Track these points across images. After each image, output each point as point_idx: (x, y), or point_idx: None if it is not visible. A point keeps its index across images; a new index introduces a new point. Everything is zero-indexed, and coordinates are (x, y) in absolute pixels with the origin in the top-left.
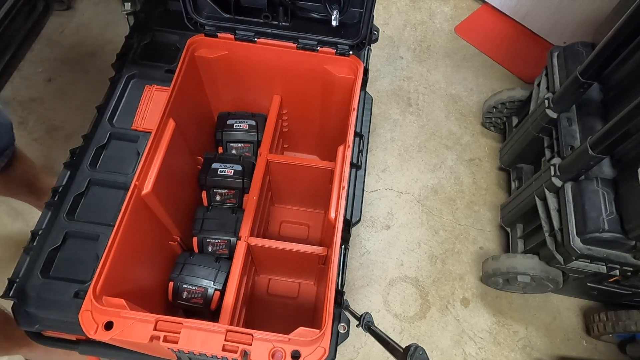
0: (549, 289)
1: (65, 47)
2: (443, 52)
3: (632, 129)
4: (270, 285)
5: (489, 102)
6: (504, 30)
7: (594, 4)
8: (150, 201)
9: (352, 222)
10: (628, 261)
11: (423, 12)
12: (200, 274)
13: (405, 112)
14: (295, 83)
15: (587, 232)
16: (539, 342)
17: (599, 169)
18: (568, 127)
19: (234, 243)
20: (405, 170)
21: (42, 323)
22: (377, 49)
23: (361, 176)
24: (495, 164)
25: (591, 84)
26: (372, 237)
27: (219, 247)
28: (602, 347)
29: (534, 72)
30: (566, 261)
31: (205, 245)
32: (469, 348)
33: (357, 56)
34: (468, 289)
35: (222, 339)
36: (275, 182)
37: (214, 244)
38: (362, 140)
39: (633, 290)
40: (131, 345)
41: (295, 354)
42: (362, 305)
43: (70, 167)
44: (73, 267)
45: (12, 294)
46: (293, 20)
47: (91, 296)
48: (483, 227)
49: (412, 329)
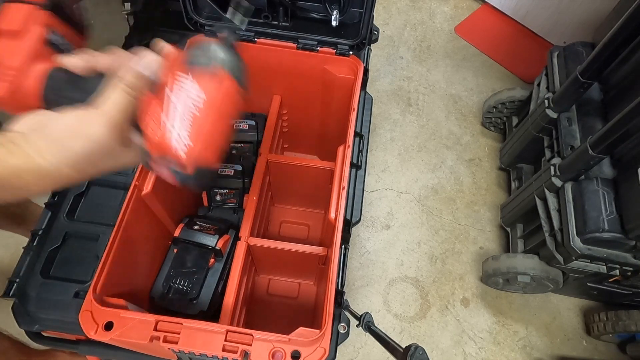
0: (549, 289)
1: None
2: (443, 52)
3: (632, 129)
4: (270, 285)
5: (489, 102)
6: (504, 30)
7: (594, 4)
8: (150, 201)
9: (352, 222)
10: (628, 261)
11: (423, 12)
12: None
13: (405, 112)
14: (295, 83)
15: (587, 232)
16: (539, 342)
17: (599, 169)
18: (568, 127)
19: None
20: (405, 170)
21: (42, 323)
22: (377, 49)
23: (361, 176)
24: (495, 164)
25: (591, 84)
26: (372, 237)
27: (227, 197)
28: (602, 347)
29: (534, 72)
30: (566, 261)
31: (213, 197)
32: (469, 348)
33: (357, 56)
34: (468, 289)
35: (222, 339)
36: (275, 182)
37: (222, 193)
38: (362, 140)
39: (633, 290)
40: (131, 346)
41: (295, 354)
42: (362, 305)
43: None
44: (73, 267)
45: (12, 294)
46: (293, 20)
47: (91, 296)
48: (483, 227)
49: (412, 329)
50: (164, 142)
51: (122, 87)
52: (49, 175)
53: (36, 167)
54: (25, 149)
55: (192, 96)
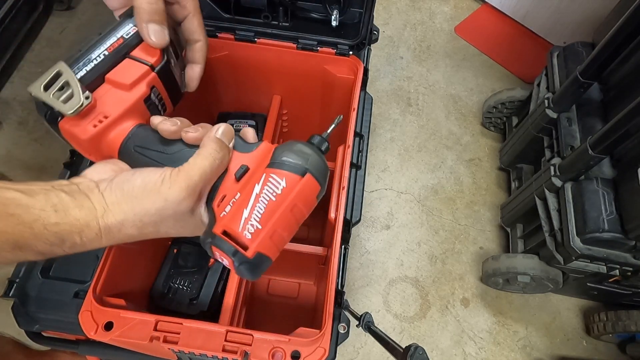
0: (549, 289)
1: (65, 47)
2: (443, 52)
3: (632, 129)
4: (270, 285)
5: (489, 102)
6: (504, 30)
7: (594, 4)
8: None
9: (352, 222)
10: (628, 261)
11: (423, 12)
12: None
13: (405, 112)
14: (295, 83)
15: (587, 232)
16: (539, 342)
17: (599, 169)
18: (568, 127)
19: None
20: (405, 170)
21: (42, 323)
22: (377, 49)
23: (361, 176)
24: (495, 164)
25: (591, 84)
26: (372, 237)
27: None
28: (602, 347)
29: (534, 72)
30: (566, 261)
31: None
32: (469, 348)
33: (357, 56)
34: (468, 289)
35: (222, 340)
36: None
37: None
38: (362, 140)
39: (633, 290)
40: (131, 346)
41: (295, 354)
42: (362, 305)
43: (70, 167)
44: (73, 267)
45: (12, 294)
46: (293, 20)
47: (91, 296)
48: (483, 227)
49: (412, 329)
50: (233, 223)
51: (206, 154)
52: (111, 233)
53: (101, 223)
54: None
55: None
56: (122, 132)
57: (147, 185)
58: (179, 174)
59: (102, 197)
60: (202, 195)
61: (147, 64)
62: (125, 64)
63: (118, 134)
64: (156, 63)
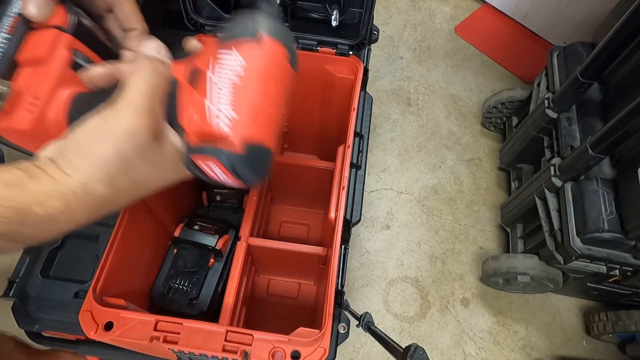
0: (549, 289)
1: None
2: (443, 52)
3: (632, 129)
4: (270, 285)
5: (489, 102)
6: (504, 30)
7: (594, 4)
8: (150, 201)
9: (352, 222)
10: (628, 261)
11: (423, 12)
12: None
13: (405, 112)
14: (295, 83)
15: (587, 232)
16: (539, 342)
17: (599, 169)
18: (568, 127)
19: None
20: (405, 170)
21: (42, 323)
22: (377, 49)
23: (361, 176)
24: (495, 164)
25: (591, 84)
26: (372, 237)
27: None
28: (602, 347)
29: (534, 72)
30: (566, 261)
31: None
32: (469, 348)
33: (357, 56)
34: (468, 289)
35: (222, 340)
36: (275, 182)
37: (222, 193)
38: (362, 140)
39: (633, 290)
40: (131, 346)
41: (295, 354)
42: (362, 305)
43: None
44: (73, 267)
45: (12, 294)
46: (293, 20)
47: (91, 296)
48: (483, 227)
49: (412, 329)
50: (203, 123)
51: (138, 72)
52: (78, 197)
53: (62, 189)
54: (50, 171)
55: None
56: (62, 106)
57: (91, 132)
58: (119, 104)
59: (55, 165)
60: (158, 117)
61: (54, 27)
62: (32, 37)
63: (58, 109)
64: (63, 24)
